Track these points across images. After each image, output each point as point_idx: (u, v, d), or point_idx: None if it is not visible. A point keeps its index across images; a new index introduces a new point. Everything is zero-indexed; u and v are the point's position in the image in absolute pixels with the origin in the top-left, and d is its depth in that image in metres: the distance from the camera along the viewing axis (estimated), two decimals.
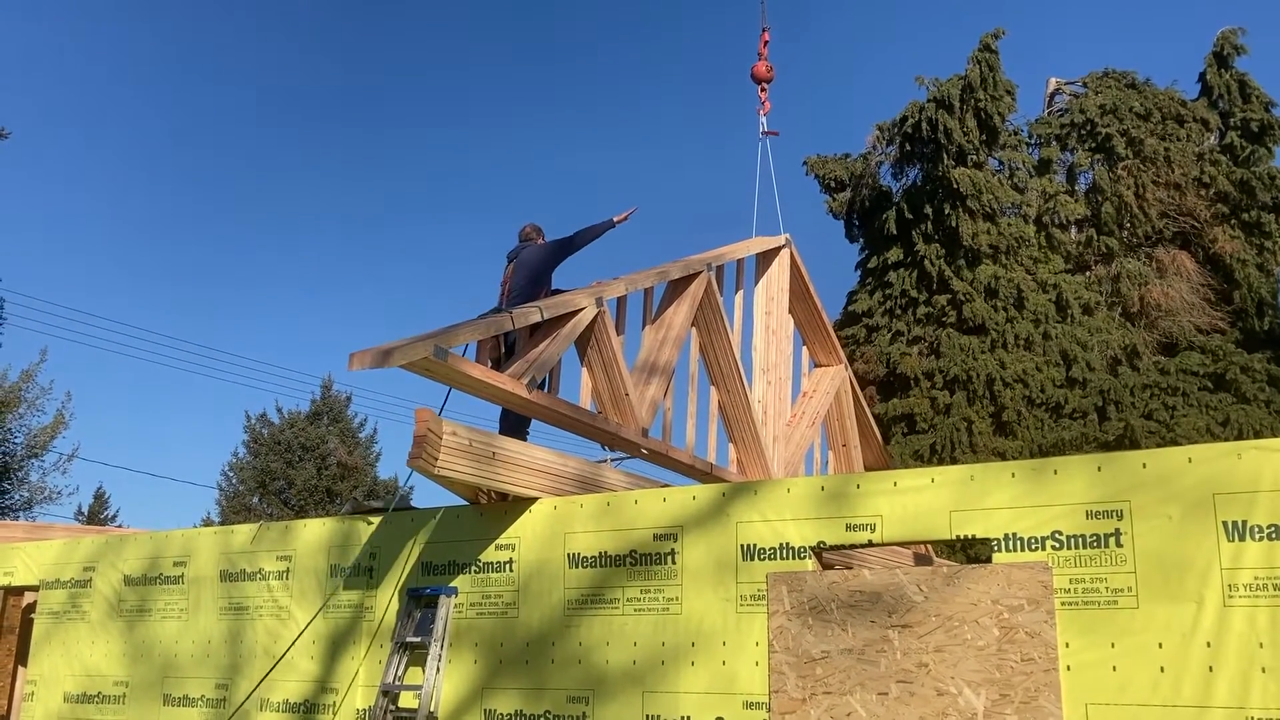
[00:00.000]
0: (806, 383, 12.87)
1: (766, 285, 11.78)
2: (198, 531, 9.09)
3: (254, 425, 36.51)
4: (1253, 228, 18.57)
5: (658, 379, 9.29)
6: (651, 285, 9.56)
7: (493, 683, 6.98)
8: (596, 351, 8.68)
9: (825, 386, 12.85)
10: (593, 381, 8.78)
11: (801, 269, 12.24)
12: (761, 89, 13.46)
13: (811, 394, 12.74)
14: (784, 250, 11.98)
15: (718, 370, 10.60)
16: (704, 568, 6.44)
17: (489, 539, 7.27)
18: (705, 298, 10.03)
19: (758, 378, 11.39)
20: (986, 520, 5.75)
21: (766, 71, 13.45)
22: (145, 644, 8.70)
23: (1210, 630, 5.12)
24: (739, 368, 10.65)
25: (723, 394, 10.68)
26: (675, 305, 9.82)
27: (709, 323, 10.27)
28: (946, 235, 18.38)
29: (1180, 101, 19.73)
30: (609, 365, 8.75)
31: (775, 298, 11.81)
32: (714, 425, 10.58)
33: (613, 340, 8.76)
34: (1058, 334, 17.79)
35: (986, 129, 18.71)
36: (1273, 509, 5.14)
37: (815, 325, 12.80)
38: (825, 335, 12.96)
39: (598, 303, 8.52)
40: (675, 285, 9.89)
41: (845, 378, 13.17)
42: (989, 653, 5.53)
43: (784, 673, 6.00)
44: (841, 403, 13.13)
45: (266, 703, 7.88)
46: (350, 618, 7.71)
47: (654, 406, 9.22)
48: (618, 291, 8.91)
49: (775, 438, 11.44)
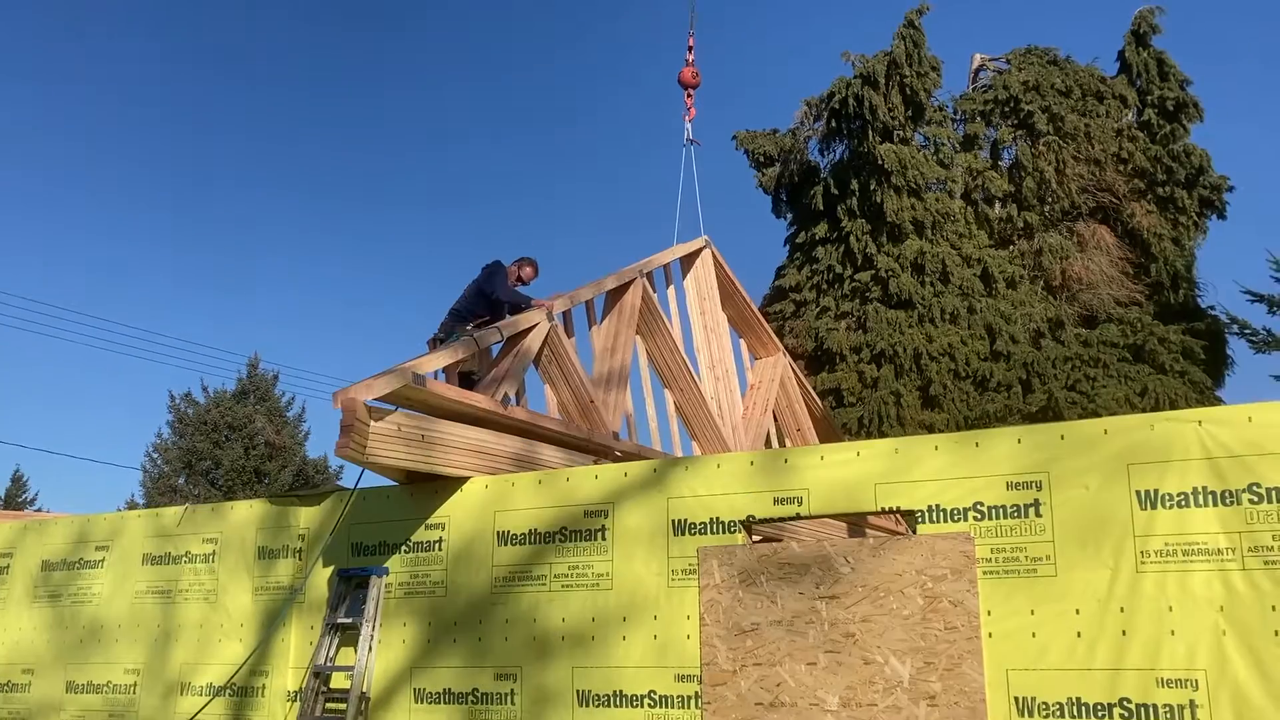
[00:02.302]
0: (751, 375, 13.16)
1: (696, 286, 12.16)
2: (124, 514, 8.92)
3: (178, 405, 35.77)
4: (1168, 203, 19.04)
5: (616, 386, 9.68)
6: (591, 297, 9.99)
7: (423, 662, 6.97)
8: (556, 365, 9.08)
9: (769, 376, 13.14)
10: (557, 394, 9.17)
11: (725, 267, 12.54)
12: (688, 95, 13.54)
13: (758, 385, 13.06)
14: (705, 251, 12.38)
15: (668, 372, 10.99)
16: (636, 542, 6.49)
17: (420, 519, 7.24)
18: (644, 304, 10.41)
19: (705, 375, 11.67)
20: (912, 493, 5.87)
21: (692, 78, 13.54)
22: (64, 629, 8.52)
23: (1123, 596, 5.29)
24: (688, 367, 11.05)
25: (677, 394, 11.02)
26: (616, 314, 10.23)
27: (651, 327, 10.66)
28: (872, 211, 18.58)
29: (1100, 78, 20.11)
30: (569, 376, 9.15)
31: (707, 296, 12.18)
32: (675, 425, 11.06)
33: (570, 352, 9.20)
34: (983, 308, 18.11)
35: (912, 105, 18.92)
36: (1182, 478, 5.32)
37: (747, 319, 13.06)
38: (759, 327, 13.21)
39: (549, 317, 8.98)
40: (612, 295, 10.30)
41: (785, 364, 13.41)
42: (914, 622, 5.65)
43: (715, 645, 6.08)
44: (788, 389, 13.40)
45: (189, 686, 7.77)
46: (280, 600, 7.64)
47: (619, 411, 9.60)
48: (562, 306, 9.38)
49: (734, 428, 11.67)
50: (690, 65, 13.59)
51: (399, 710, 6.96)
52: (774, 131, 21.51)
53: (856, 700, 5.68)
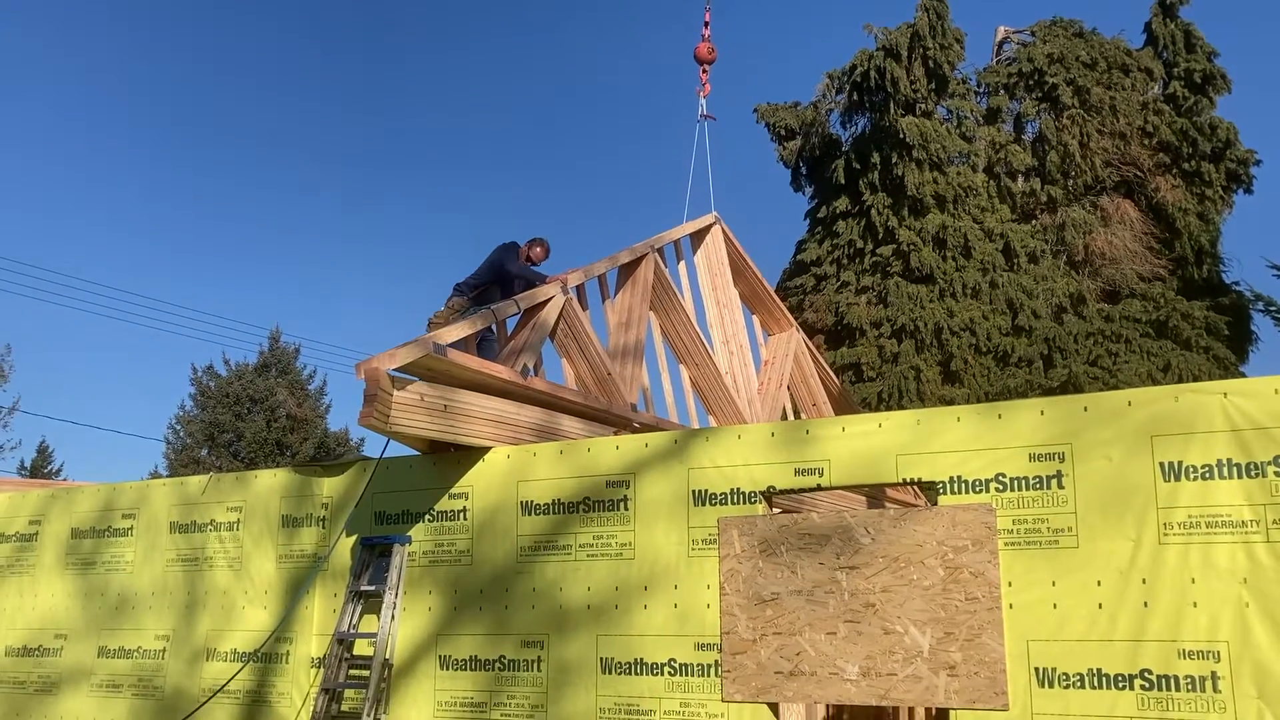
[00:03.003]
0: (765, 351, 13.14)
1: (707, 262, 12.19)
2: (149, 483, 9.02)
3: (201, 378, 36.03)
4: (1194, 177, 18.87)
5: (632, 359, 9.71)
6: (605, 272, 10.03)
7: (448, 629, 7.04)
8: (572, 339, 9.11)
9: (783, 351, 13.14)
10: (574, 368, 9.21)
11: (735, 244, 12.51)
12: (703, 70, 13.46)
13: (772, 361, 13.05)
14: (715, 227, 12.37)
15: (682, 347, 11.03)
16: (657, 513, 6.52)
17: (443, 488, 7.29)
18: (656, 279, 10.43)
19: (720, 350, 11.67)
20: (933, 464, 5.87)
21: (708, 53, 13.45)
22: (92, 596, 8.64)
23: (1146, 567, 5.29)
24: (702, 342, 11.08)
25: (692, 369, 11.04)
26: (630, 288, 10.25)
27: (664, 303, 10.68)
28: (894, 184, 18.50)
29: (1126, 51, 19.90)
30: (586, 349, 9.18)
31: (718, 272, 12.20)
32: (691, 400, 11.12)
33: (585, 325, 9.23)
34: (1004, 283, 18.02)
35: (935, 78, 18.78)
36: (1207, 450, 5.30)
37: (759, 295, 13.05)
38: (772, 303, 13.20)
39: (564, 290, 9.01)
40: (625, 270, 10.33)
41: (799, 340, 13.40)
42: (934, 592, 5.67)
43: (735, 614, 6.11)
44: (802, 365, 13.39)
45: (214, 652, 7.87)
46: (304, 567, 7.72)
47: (635, 385, 9.63)
48: (577, 280, 9.41)
49: (749, 402, 11.69)
50: (707, 40, 13.51)
51: (423, 677, 7.03)
52: (795, 105, 21.41)
53: (876, 670, 5.71)
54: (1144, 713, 5.15)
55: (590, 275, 9.73)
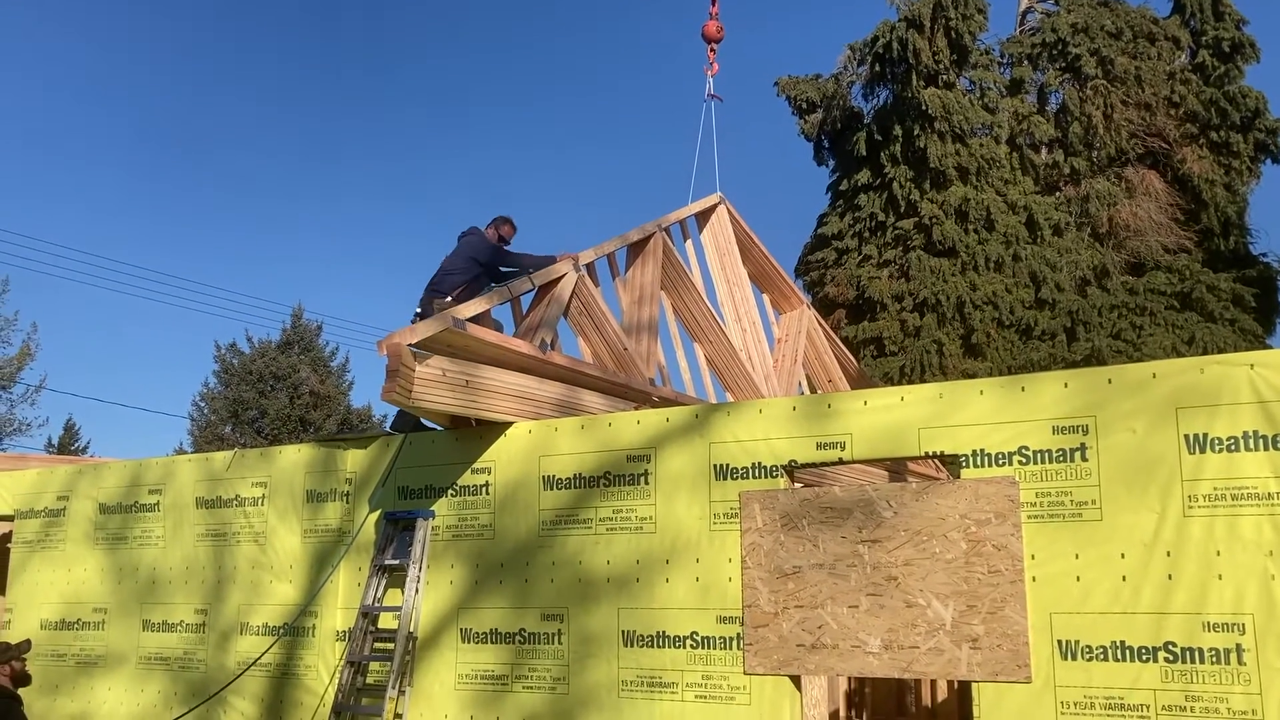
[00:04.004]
0: (777, 330, 13.11)
1: (714, 242, 12.21)
2: (175, 459, 9.10)
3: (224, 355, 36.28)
4: (1221, 147, 18.64)
5: (647, 335, 9.70)
6: (615, 250, 10.07)
7: (470, 602, 7.09)
8: (586, 316, 9.10)
9: (794, 329, 13.10)
10: (590, 345, 9.19)
11: (741, 223, 12.47)
12: (711, 49, 13.31)
13: (785, 339, 13.02)
14: (720, 207, 12.32)
15: (695, 325, 11.02)
16: (678, 487, 6.53)
17: (465, 463, 7.33)
18: (665, 257, 10.41)
19: (733, 327, 11.63)
20: (955, 437, 5.84)
21: (716, 31, 13.29)
22: (123, 570, 8.75)
23: (1170, 540, 5.26)
24: (715, 319, 11.08)
25: (706, 347, 11.05)
26: (640, 265, 10.27)
27: (674, 282, 10.66)
28: (916, 157, 18.36)
29: (1152, 19, 19.64)
30: (601, 326, 9.16)
31: (726, 252, 12.18)
32: (707, 377, 11.05)
33: (599, 301, 9.20)
34: (1028, 255, 17.89)
35: (957, 49, 18.59)
36: (1233, 422, 5.26)
37: (768, 274, 13.01)
38: (781, 281, 13.15)
39: (576, 267, 9.00)
40: (635, 248, 10.34)
41: (810, 317, 13.35)
42: (957, 565, 5.66)
43: (757, 588, 6.13)
44: (815, 342, 13.35)
45: (246, 626, 7.98)
46: (329, 542, 7.78)
47: (652, 362, 9.62)
48: (589, 258, 9.44)
49: (766, 377, 11.68)
50: (714, 19, 13.36)
51: (446, 649, 7.09)
52: (816, 77, 21.26)
53: (899, 643, 5.71)
54: (1168, 685, 5.14)
55: (601, 253, 9.74)
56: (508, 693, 6.82)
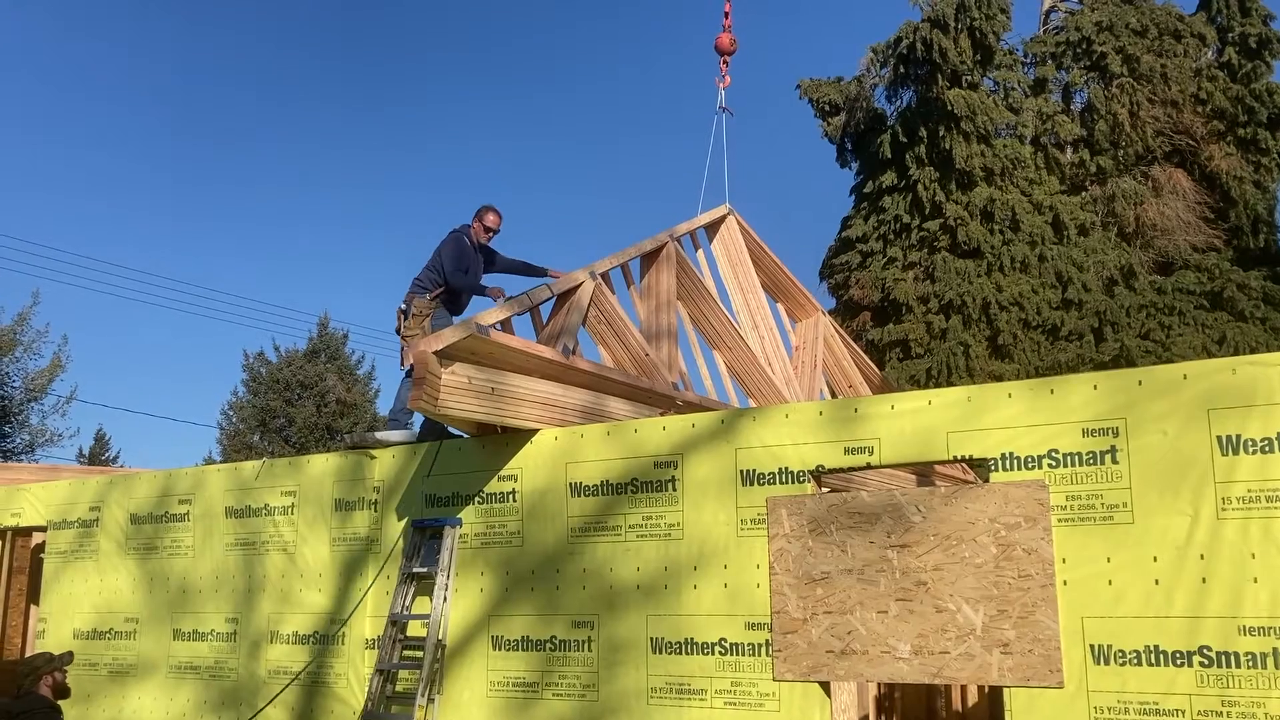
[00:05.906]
0: (794, 338, 13.11)
1: (725, 252, 12.30)
2: (204, 469, 9.17)
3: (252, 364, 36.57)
4: (1249, 144, 18.44)
5: (667, 341, 9.76)
6: (628, 260, 10.13)
7: (499, 610, 7.10)
8: (605, 324, 9.14)
9: (811, 336, 13.11)
10: (610, 352, 9.22)
11: (751, 234, 12.49)
12: (723, 61, 13.25)
13: (802, 346, 13.02)
14: (729, 218, 12.34)
15: (713, 332, 11.07)
16: (705, 493, 6.52)
17: (492, 470, 7.34)
18: (680, 266, 10.45)
19: (750, 334, 11.64)
20: (984, 440, 5.81)
21: (730, 44, 13.25)
22: (154, 580, 8.82)
23: (1204, 543, 5.20)
24: (733, 326, 11.11)
25: (726, 353, 11.08)
26: (655, 272, 10.31)
27: (690, 290, 10.70)
28: (941, 158, 18.25)
29: (1178, 16, 19.46)
30: (621, 334, 9.20)
31: (738, 261, 12.26)
32: (729, 383, 11.10)
33: (617, 309, 9.24)
34: (1054, 256, 17.75)
35: (981, 49, 18.48)
36: (1266, 422, 5.20)
37: (781, 283, 13.00)
38: (794, 289, 13.14)
39: (592, 276, 9.07)
40: (649, 257, 10.39)
41: (826, 323, 13.34)
42: (987, 570, 5.62)
43: (785, 594, 6.11)
44: (833, 348, 13.33)
45: (276, 635, 8.02)
46: (358, 550, 7.82)
47: (674, 369, 9.64)
48: (604, 266, 9.53)
49: (787, 382, 11.67)
50: (728, 30, 13.30)
51: (477, 656, 7.11)
52: (839, 79, 21.18)
53: (929, 648, 5.68)
54: (1203, 690, 5.08)
55: (617, 262, 9.79)
56: (538, 700, 6.83)
